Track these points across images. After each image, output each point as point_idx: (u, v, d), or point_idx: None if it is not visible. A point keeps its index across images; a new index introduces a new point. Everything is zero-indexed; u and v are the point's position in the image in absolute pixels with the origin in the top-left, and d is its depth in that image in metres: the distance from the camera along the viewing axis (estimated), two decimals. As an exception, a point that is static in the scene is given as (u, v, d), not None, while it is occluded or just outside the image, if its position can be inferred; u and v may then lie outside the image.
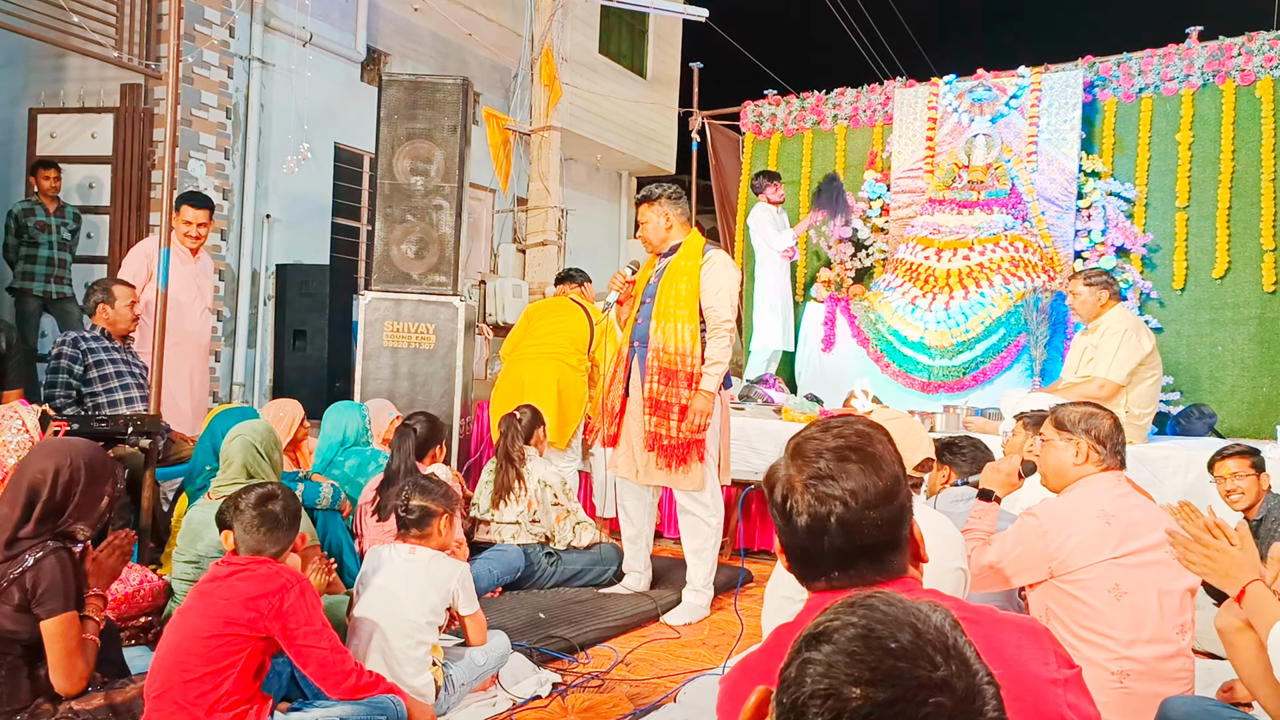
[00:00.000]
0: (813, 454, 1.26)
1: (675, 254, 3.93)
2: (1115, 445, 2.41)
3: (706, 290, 3.83)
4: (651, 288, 3.93)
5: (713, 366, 3.80)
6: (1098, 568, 2.22)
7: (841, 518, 1.21)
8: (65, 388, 4.15)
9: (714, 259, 3.89)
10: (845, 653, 0.77)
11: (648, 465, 3.85)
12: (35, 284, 5.98)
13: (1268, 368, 5.76)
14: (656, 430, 3.80)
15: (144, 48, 6.28)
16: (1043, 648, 1.20)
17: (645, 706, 2.86)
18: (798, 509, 1.23)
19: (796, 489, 1.24)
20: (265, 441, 3.20)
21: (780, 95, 7.96)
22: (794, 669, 0.78)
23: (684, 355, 3.79)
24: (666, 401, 3.80)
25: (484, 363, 7.56)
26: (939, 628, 0.79)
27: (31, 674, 2.27)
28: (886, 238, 7.07)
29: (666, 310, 3.83)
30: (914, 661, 0.76)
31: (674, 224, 3.96)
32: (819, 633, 0.80)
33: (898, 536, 1.25)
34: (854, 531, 1.21)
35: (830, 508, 1.21)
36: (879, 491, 1.23)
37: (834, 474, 1.23)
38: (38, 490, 2.29)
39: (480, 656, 2.85)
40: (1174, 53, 6.21)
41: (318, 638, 2.30)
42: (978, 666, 0.78)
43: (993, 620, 1.23)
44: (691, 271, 3.84)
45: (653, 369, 3.82)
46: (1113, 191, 6.29)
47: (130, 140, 6.31)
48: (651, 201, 3.97)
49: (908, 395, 5.95)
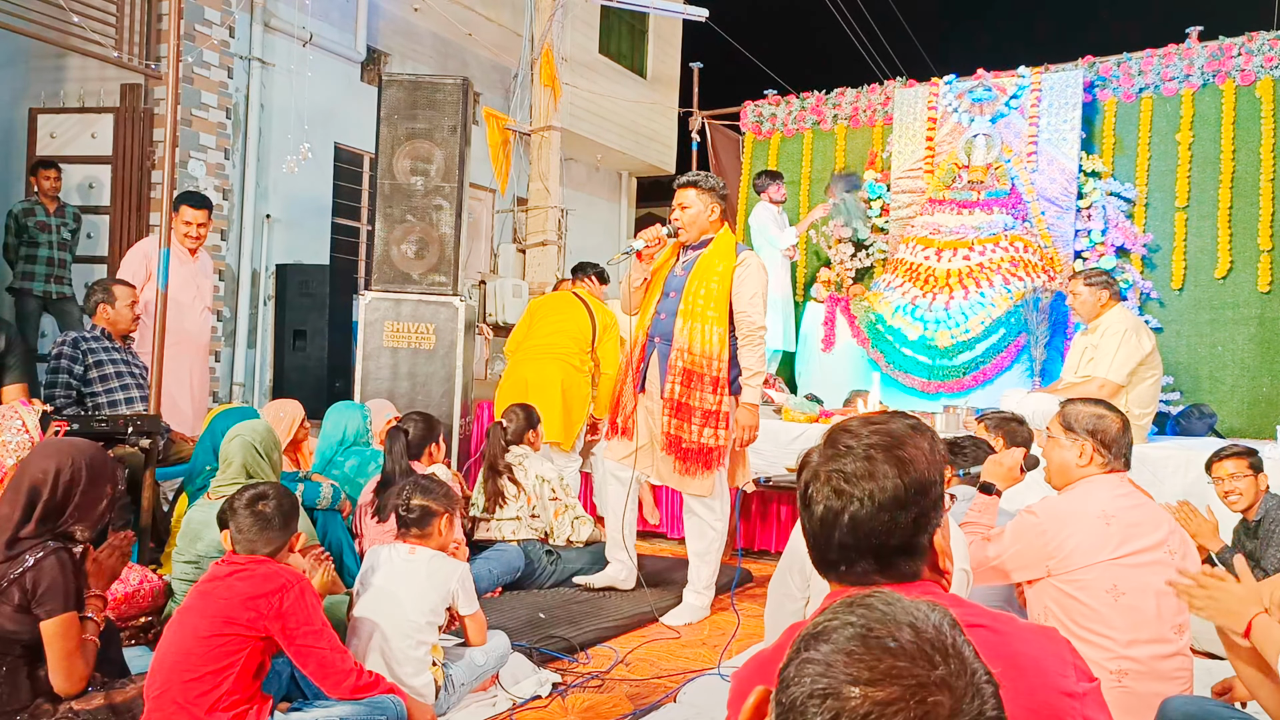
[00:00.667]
0: (843, 446, 1.24)
1: (706, 249, 3.77)
2: (1120, 448, 2.39)
3: (740, 294, 3.69)
4: (677, 281, 3.76)
5: (753, 377, 3.71)
6: (1096, 568, 2.22)
7: (854, 515, 1.20)
8: (65, 388, 4.15)
9: (749, 261, 3.74)
10: (844, 652, 0.77)
11: (662, 465, 3.78)
12: (35, 284, 5.98)
13: (1268, 368, 5.76)
14: (676, 433, 3.70)
15: (144, 48, 6.28)
16: (1062, 659, 1.19)
17: (645, 706, 2.86)
18: (815, 498, 1.23)
19: (819, 478, 1.23)
20: (265, 442, 3.20)
21: (780, 95, 7.96)
22: (793, 668, 0.78)
23: (710, 359, 3.66)
24: (688, 404, 3.68)
25: (484, 363, 7.56)
26: (937, 626, 0.79)
27: (31, 674, 2.27)
28: (886, 238, 7.07)
29: (695, 309, 3.68)
30: (913, 660, 0.76)
31: (715, 216, 3.80)
32: (817, 632, 0.80)
33: (913, 543, 1.23)
34: (863, 530, 1.20)
35: (845, 504, 1.20)
36: (898, 495, 1.20)
37: (856, 471, 1.21)
38: (39, 490, 2.29)
39: (480, 656, 2.85)
40: (1174, 53, 6.21)
41: (317, 638, 2.30)
42: (976, 665, 0.78)
43: (1013, 630, 1.21)
44: (725, 272, 3.69)
45: (675, 369, 3.70)
46: (1113, 191, 6.30)
47: (130, 140, 6.31)
48: (700, 188, 3.77)
49: (908, 395, 5.95)
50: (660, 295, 3.84)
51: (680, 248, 3.85)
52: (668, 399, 3.71)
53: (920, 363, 5.97)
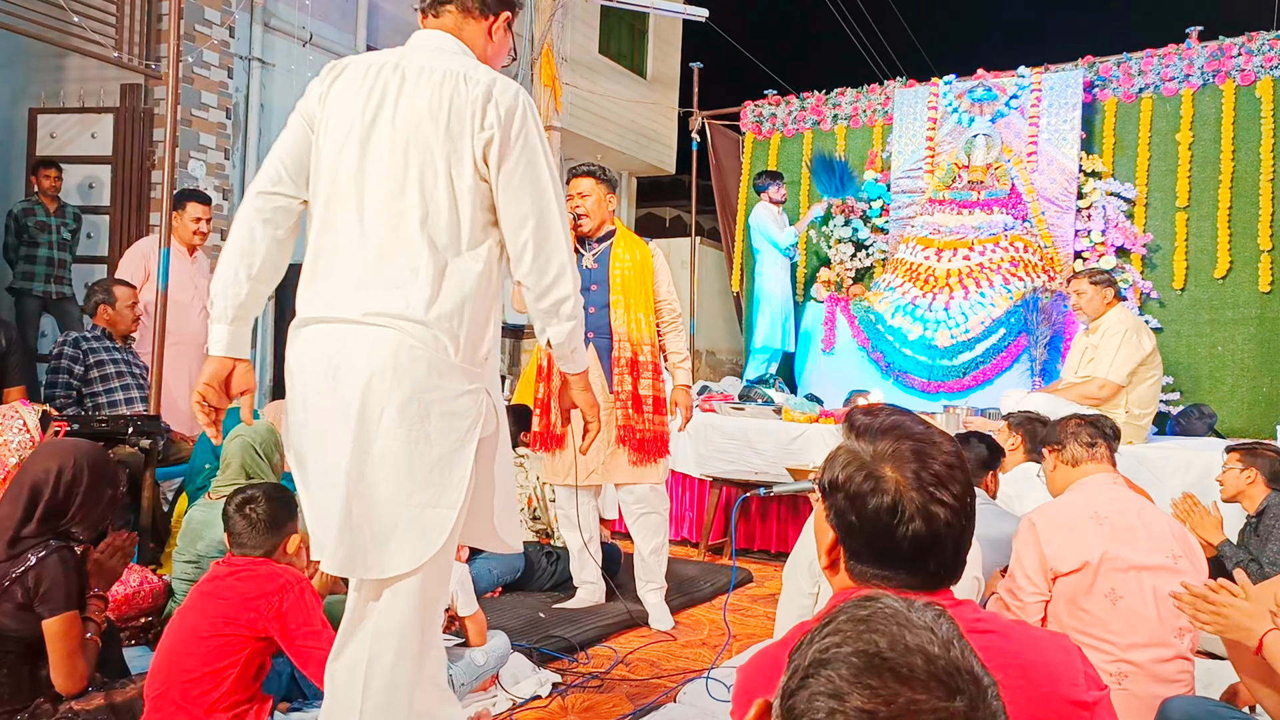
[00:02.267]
0: (926, 456, 1.20)
1: (613, 240, 3.76)
2: (1068, 434, 2.54)
3: (661, 282, 3.81)
4: (592, 274, 3.69)
5: (684, 360, 3.87)
6: (1089, 569, 2.21)
7: (947, 521, 1.17)
8: (65, 388, 4.15)
9: (658, 251, 3.87)
10: (857, 684, 0.73)
11: (614, 462, 3.69)
12: (35, 284, 5.98)
13: (1268, 368, 5.76)
14: (629, 424, 3.67)
15: (144, 48, 6.28)
16: (1073, 667, 1.18)
17: (645, 706, 2.86)
18: (904, 502, 1.17)
19: (908, 483, 1.18)
20: (265, 443, 3.20)
21: (780, 95, 7.96)
22: (802, 701, 0.75)
23: (651, 346, 3.74)
24: (639, 393, 3.69)
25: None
26: (946, 642, 0.77)
27: (32, 673, 2.27)
28: (886, 238, 7.07)
29: (626, 299, 3.69)
30: (929, 691, 0.73)
31: (613, 207, 3.82)
32: (825, 659, 0.76)
33: (965, 553, 1.22)
34: (948, 536, 1.18)
35: (938, 509, 1.17)
36: (970, 503, 1.20)
37: (943, 475, 1.19)
38: (40, 490, 2.29)
39: (480, 657, 2.85)
40: (1174, 53, 6.21)
41: (317, 638, 2.29)
42: (985, 680, 0.76)
43: (1024, 636, 1.21)
44: (643, 261, 3.75)
45: (620, 361, 3.67)
46: (1113, 191, 6.30)
47: (130, 140, 6.31)
48: (598, 178, 3.75)
49: (908, 395, 5.95)
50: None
51: (578, 239, 3.78)
52: (618, 391, 3.68)
53: (920, 363, 5.98)
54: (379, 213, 1.87)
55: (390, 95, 1.89)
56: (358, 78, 1.92)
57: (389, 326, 1.82)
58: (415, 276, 1.84)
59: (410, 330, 1.82)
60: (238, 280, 1.95)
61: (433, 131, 1.86)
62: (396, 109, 1.88)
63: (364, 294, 1.84)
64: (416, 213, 1.85)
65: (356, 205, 1.89)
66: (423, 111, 1.87)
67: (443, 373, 1.84)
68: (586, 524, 3.80)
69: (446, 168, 1.86)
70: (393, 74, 1.90)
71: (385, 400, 1.80)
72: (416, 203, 1.86)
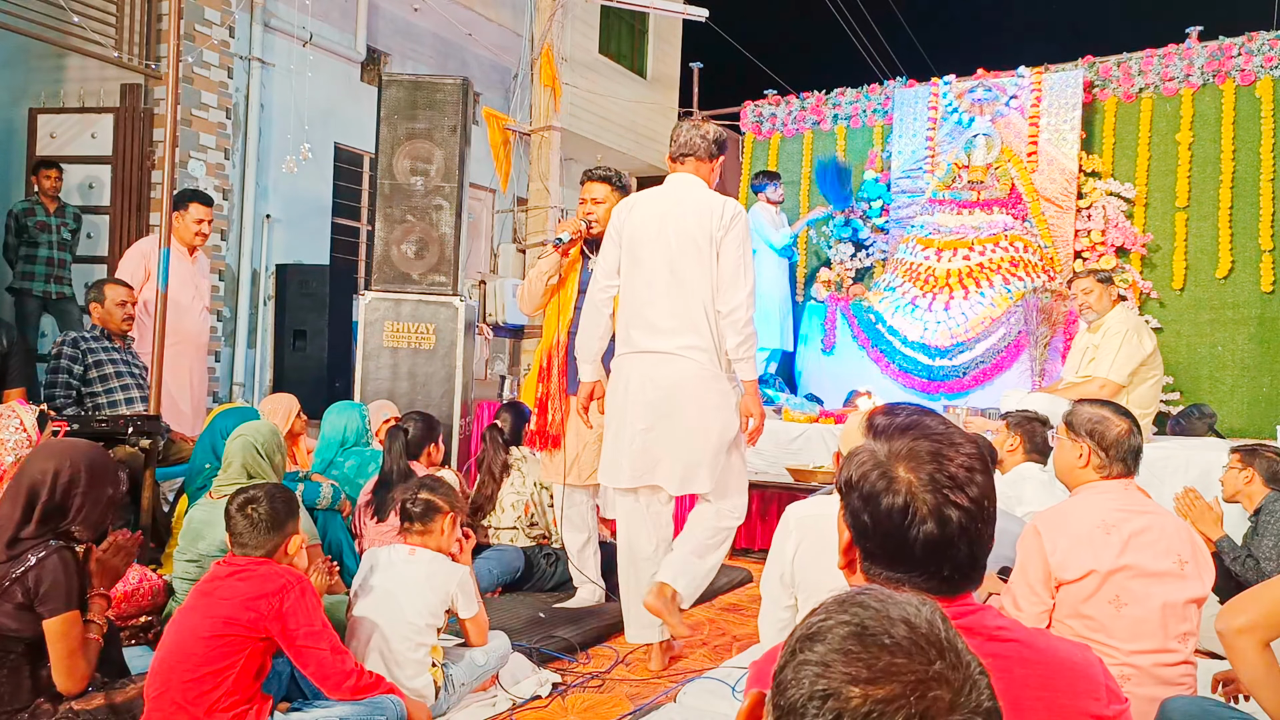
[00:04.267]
0: (943, 457, 1.19)
1: None
2: (1120, 451, 2.35)
3: None
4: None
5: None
6: (1094, 577, 2.20)
7: (962, 524, 1.16)
8: (65, 388, 4.15)
9: None
10: (841, 651, 0.76)
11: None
12: (35, 284, 5.98)
13: (1268, 368, 5.76)
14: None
15: (144, 48, 6.28)
16: (1095, 681, 1.17)
17: (645, 706, 2.86)
18: (917, 503, 1.17)
19: (919, 491, 1.17)
20: (266, 443, 3.20)
21: (780, 95, 7.96)
22: (790, 671, 0.78)
23: None
24: None
25: (484, 363, 7.56)
26: (930, 620, 0.79)
27: (33, 673, 2.27)
28: (886, 238, 7.07)
29: None
30: (910, 656, 0.76)
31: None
32: (812, 633, 0.80)
33: (983, 558, 1.21)
34: (968, 540, 1.17)
35: (953, 511, 1.16)
36: (992, 507, 1.20)
37: (960, 478, 1.18)
38: (38, 491, 2.29)
39: (481, 657, 2.85)
40: (1174, 53, 6.21)
41: (317, 638, 2.29)
42: (969, 657, 0.78)
43: (1046, 645, 1.19)
44: None
45: None
46: (1113, 191, 6.30)
47: (130, 140, 6.31)
48: (613, 185, 3.74)
49: (908, 395, 5.96)
50: (579, 293, 3.74)
51: (588, 242, 3.76)
52: None
53: (920, 363, 5.98)
54: (669, 286, 3.19)
55: (670, 215, 3.21)
56: (647, 206, 3.28)
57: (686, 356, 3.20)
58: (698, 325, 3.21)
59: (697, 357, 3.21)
60: (594, 339, 3.41)
61: (698, 233, 3.17)
62: (675, 223, 3.19)
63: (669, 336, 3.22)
64: (693, 286, 3.19)
65: (654, 281, 3.22)
66: (691, 224, 3.17)
67: (715, 375, 3.22)
68: (590, 523, 3.80)
69: (707, 255, 3.18)
70: (667, 203, 3.24)
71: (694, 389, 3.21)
72: (691, 279, 3.18)
